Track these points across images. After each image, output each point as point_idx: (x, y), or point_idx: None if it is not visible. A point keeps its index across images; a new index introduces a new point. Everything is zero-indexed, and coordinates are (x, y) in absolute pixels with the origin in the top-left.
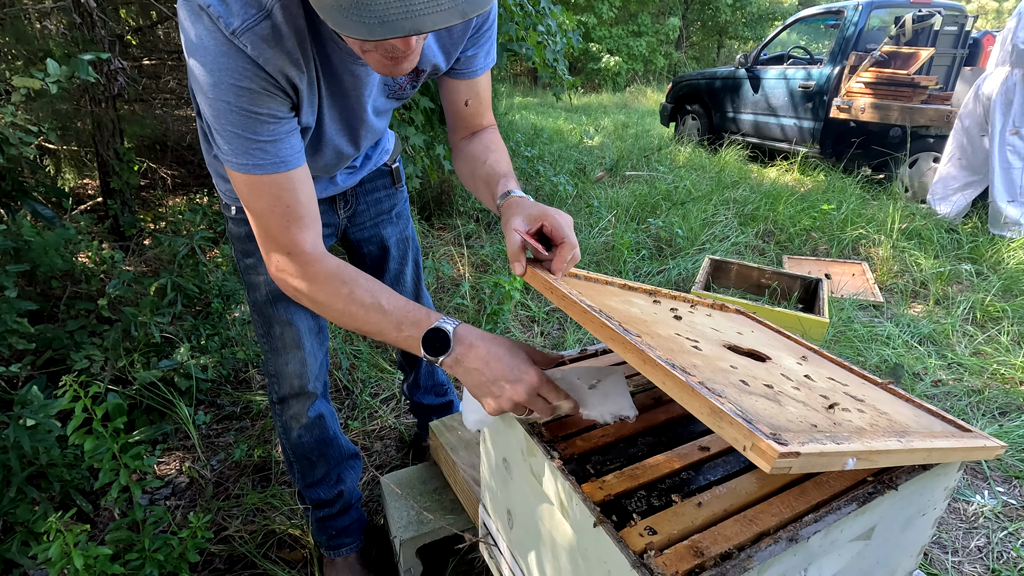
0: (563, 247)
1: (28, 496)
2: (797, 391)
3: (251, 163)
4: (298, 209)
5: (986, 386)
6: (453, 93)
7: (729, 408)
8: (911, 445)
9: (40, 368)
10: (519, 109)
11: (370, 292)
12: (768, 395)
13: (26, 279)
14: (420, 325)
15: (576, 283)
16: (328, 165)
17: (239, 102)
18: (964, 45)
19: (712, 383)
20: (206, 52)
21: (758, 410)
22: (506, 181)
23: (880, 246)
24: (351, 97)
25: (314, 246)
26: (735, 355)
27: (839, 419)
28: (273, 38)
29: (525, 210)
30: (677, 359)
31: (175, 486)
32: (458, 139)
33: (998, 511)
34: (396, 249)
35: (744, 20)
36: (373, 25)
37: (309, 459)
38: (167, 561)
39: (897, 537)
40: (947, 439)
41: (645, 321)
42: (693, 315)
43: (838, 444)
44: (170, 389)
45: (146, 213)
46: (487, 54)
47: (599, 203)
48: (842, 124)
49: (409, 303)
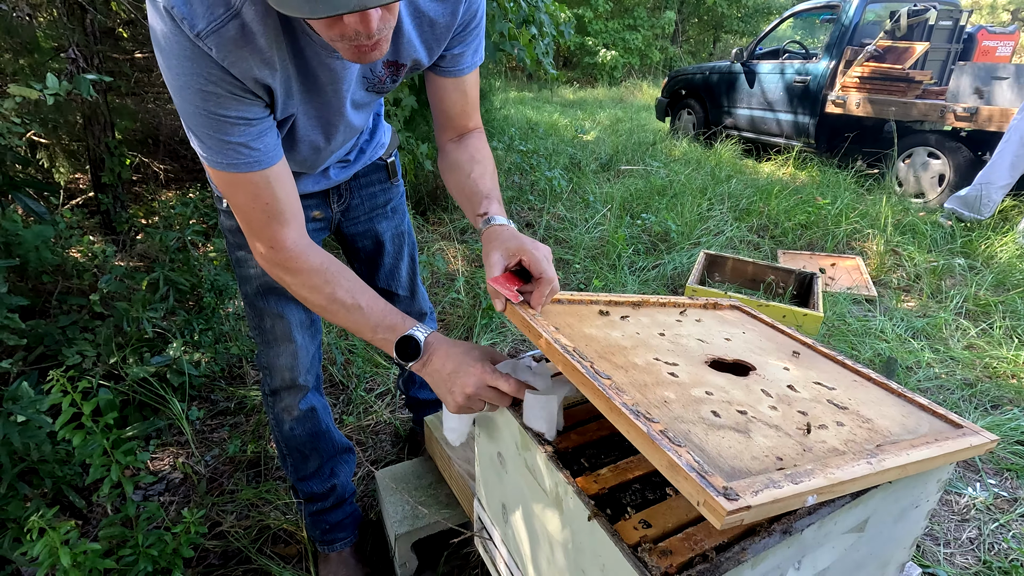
0: (541, 283)
1: (20, 492)
2: (774, 411)
3: (226, 162)
4: (277, 206)
5: (978, 379)
6: (440, 91)
7: (686, 461)
8: (882, 466)
9: (32, 364)
10: (514, 104)
11: (350, 292)
12: (739, 425)
13: (17, 274)
14: (395, 330)
15: (558, 313)
16: (306, 160)
17: (207, 106)
18: (959, 40)
19: (679, 424)
20: (171, 55)
21: (722, 450)
22: (488, 203)
23: (874, 240)
24: (327, 92)
25: (295, 242)
26: (715, 374)
27: (812, 442)
28: (242, 38)
29: (503, 244)
30: (649, 395)
31: (169, 482)
32: (445, 140)
33: (989, 503)
34: (391, 244)
35: (740, 15)
36: (316, 2)
37: (301, 452)
38: (161, 557)
39: (890, 529)
40: (927, 447)
41: (624, 348)
42: (681, 324)
43: (796, 484)
44: (163, 385)
45: (138, 208)
46: (474, 52)
47: (594, 197)
48: (837, 119)
49: (388, 307)
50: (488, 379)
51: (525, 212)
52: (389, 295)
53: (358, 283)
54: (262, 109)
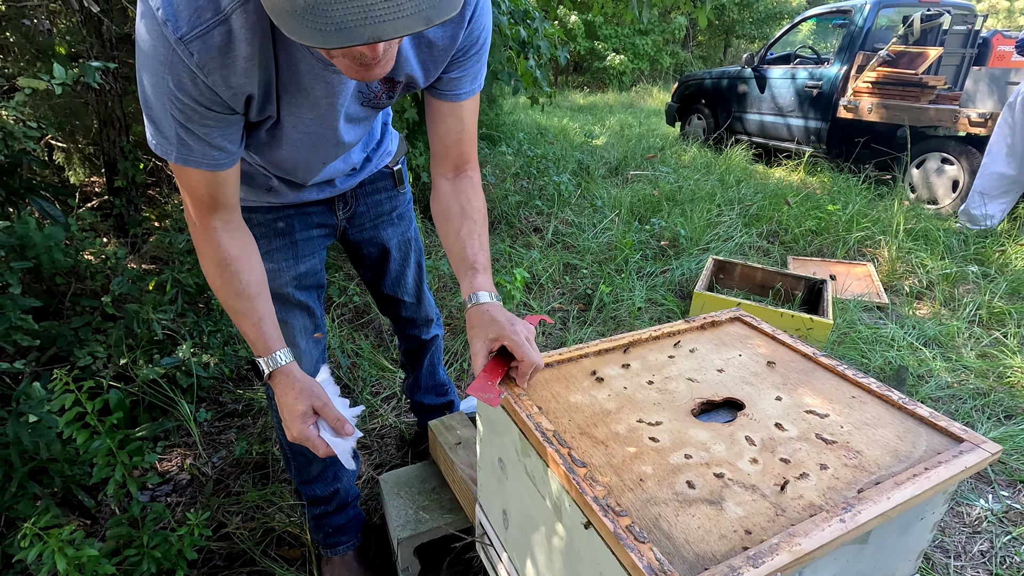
0: (522, 365)
1: (29, 491)
2: (754, 464)
3: (181, 156)
4: (218, 199)
5: (992, 388)
6: (436, 114)
7: (646, 562)
8: (856, 522)
9: (44, 365)
10: (524, 108)
11: (237, 295)
12: (713, 494)
13: (32, 276)
14: (255, 349)
15: (546, 382)
16: (296, 170)
17: (172, 108)
18: (973, 45)
19: (650, 508)
20: (147, 55)
21: (690, 534)
22: (473, 275)
23: (886, 247)
24: (322, 105)
25: (215, 228)
26: (700, 427)
27: (787, 500)
28: (226, 45)
29: (484, 331)
30: (625, 475)
31: (176, 483)
32: (439, 175)
33: (1001, 515)
34: (397, 251)
35: (752, 19)
36: (330, 32)
37: (305, 456)
38: (165, 558)
39: (895, 541)
40: (912, 482)
41: (609, 412)
42: (673, 362)
43: (757, 568)
44: (172, 386)
45: (151, 210)
46: (473, 78)
47: (602, 202)
48: (849, 124)
49: (262, 321)
50: (302, 437)
51: (533, 217)
52: (395, 301)
53: (252, 288)
54: (226, 116)
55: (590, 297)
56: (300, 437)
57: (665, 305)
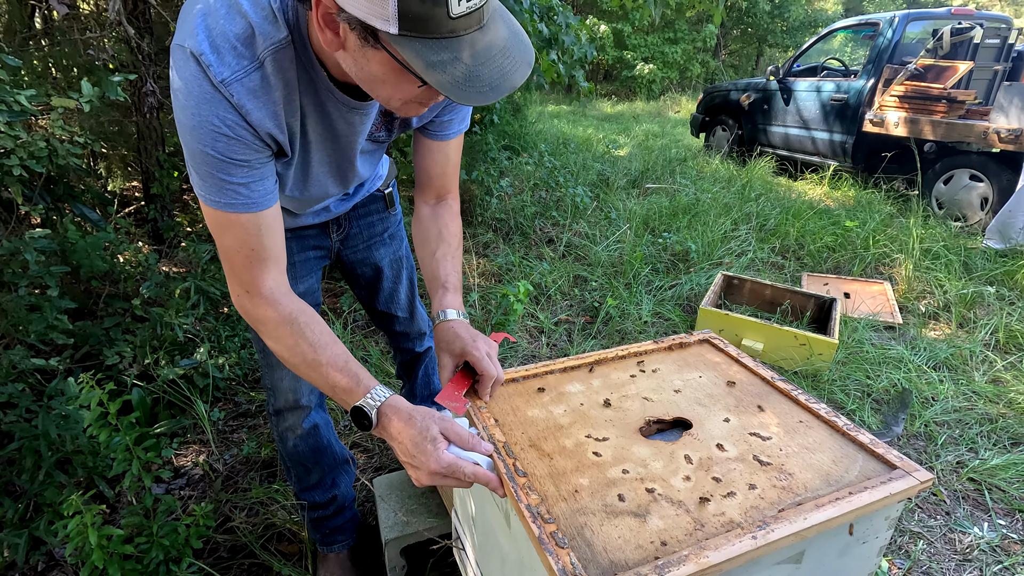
0: (483, 378)
1: (56, 480)
2: (686, 482)
3: (223, 201)
4: (262, 252)
5: (1001, 415)
6: (424, 151)
7: (561, 566)
8: (768, 539)
9: (77, 362)
10: (550, 117)
11: (313, 347)
12: (640, 508)
13: (71, 277)
14: (351, 395)
15: (507, 396)
16: (313, 197)
17: (216, 147)
18: (1007, 59)
19: (577, 517)
20: (190, 96)
21: (609, 543)
22: (443, 293)
23: (903, 265)
24: (343, 141)
25: (271, 289)
26: (644, 444)
27: (709, 516)
28: (262, 89)
29: (449, 347)
30: (562, 486)
31: (189, 477)
32: (421, 201)
33: (995, 544)
34: (389, 269)
35: (784, 28)
36: (486, 92)
37: (304, 466)
38: (172, 546)
39: (834, 563)
40: (832, 506)
41: (561, 428)
42: (634, 381)
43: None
44: (190, 386)
45: (184, 217)
46: (461, 120)
47: (617, 214)
48: (875, 138)
49: (348, 367)
50: (444, 470)
51: (548, 228)
52: (389, 317)
53: (324, 337)
54: (267, 156)
55: (597, 310)
56: (447, 470)
57: (671, 320)
